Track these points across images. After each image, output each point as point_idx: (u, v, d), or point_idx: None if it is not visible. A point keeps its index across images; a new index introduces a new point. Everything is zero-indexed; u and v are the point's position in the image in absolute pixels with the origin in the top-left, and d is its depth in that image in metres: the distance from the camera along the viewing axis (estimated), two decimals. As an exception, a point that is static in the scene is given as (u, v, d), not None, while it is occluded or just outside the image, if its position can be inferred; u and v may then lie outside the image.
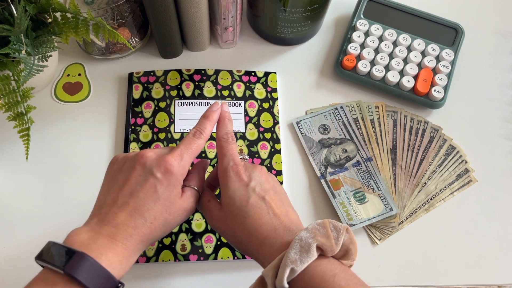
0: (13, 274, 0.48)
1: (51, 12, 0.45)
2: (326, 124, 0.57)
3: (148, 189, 0.36)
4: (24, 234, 0.49)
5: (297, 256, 0.32)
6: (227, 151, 0.40)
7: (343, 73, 0.59)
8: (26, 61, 0.43)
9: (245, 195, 0.37)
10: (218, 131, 0.42)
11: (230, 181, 0.38)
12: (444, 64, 0.59)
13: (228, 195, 0.38)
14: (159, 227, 0.36)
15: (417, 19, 0.63)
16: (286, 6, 0.54)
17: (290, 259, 0.32)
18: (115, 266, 0.33)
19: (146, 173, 0.36)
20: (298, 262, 0.32)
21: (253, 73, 0.59)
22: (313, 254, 0.32)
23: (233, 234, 0.38)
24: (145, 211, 0.35)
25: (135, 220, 0.35)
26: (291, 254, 0.32)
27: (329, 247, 0.33)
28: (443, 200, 0.54)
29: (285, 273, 0.32)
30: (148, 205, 0.36)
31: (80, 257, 0.31)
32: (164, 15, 0.52)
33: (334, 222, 0.35)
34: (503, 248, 0.52)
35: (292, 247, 0.33)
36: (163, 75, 0.58)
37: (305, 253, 0.32)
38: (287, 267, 0.32)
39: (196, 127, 0.41)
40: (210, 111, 0.42)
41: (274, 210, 0.37)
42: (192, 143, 0.39)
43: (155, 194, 0.36)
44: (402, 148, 0.56)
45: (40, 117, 0.55)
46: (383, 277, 0.50)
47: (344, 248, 0.34)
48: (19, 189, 0.52)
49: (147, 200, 0.36)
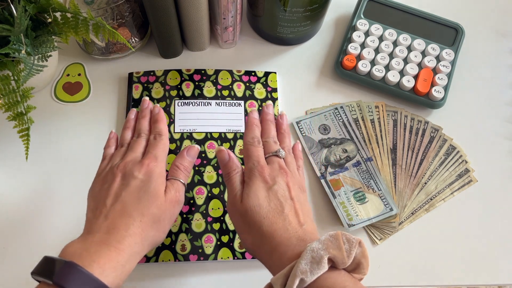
0: (13, 274, 0.47)
1: (51, 12, 0.45)
2: (326, 124, 0.57)
3: (131, 190, 0.38)
4: (24, 234, 0.49)
5: (308, 267, 0.32)
6: (253, 153, 0.41)
7: (343, 73, 0.59)
8: (26, 61, 0.43)
9: (267, 196, 0.38)
10: (246, 135, 0.44)
11: (254, 180, 0.39)
12: (444, 64, 0.59)
13: (251, 191, 0.38)
14: (149, 223, 0.37)
15: (417, 19, 0.63)
16: (286, 6, 0.54)
17: (300, 270, 0.32)
18: (109, 273, 0.32)
19: (127, 177, 0.39)
20: (308, 273, 0.32)
21: (253, 73, 0.59)
22: (324, 266, 0.32)
23: (248, 231, 0.38)
24: (132, 210, 0.37)
25: (125, 221, 0.36)
26: (302, 265, 0.32)
27: (341, 260, 0.32)
28: (443, 200, 0.54)
29: (294, 283, 0.31)
30: (134, 204, 0.37)
31: (69, 266, 0.31)
32: (164, 15, 0.52)
33: (347, 234, 0.34)
34: (503, 248, 0.52)
35: (303, 257, 0.32)
36: (163, 75, 0.58)
37: (316, 264, 0.32)
38: (297, 277, 0.32)
39: (152, 132, 0.44)
40: (146, 112, 0.47)
41: (292, 219, 0.37)
42: (158, 144, 0.42)
43: (139, 193, 0.38)
44: (402, 148, 0.56)
45: (40, 117, 0.55)
46: (383, 277, 0.50)
47: (355, 262, 0.33)
48: (19, 189, 0.52)
49: (132, 200, 0.37)
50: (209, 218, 0.50)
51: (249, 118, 0.45)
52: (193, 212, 0.50)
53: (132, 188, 0.38)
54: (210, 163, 0.53)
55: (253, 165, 0.40)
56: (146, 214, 0.37)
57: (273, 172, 0.40)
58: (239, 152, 0.54)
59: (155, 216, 0.37)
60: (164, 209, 0.38)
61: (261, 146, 0.43)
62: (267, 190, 0.38)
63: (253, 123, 0.45)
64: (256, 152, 0.42)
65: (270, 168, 0.40)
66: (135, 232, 0.36)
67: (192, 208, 0.51)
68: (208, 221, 0.50)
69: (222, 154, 0.42)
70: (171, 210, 0.39)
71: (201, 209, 0.51)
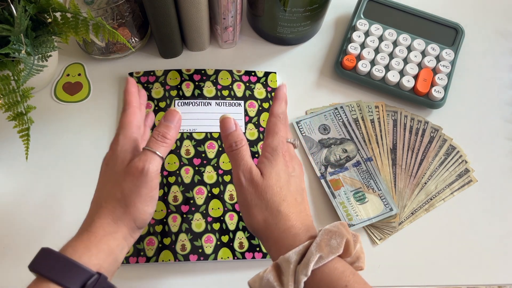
0: (13, 274, 0.47)
1: (51, 12, 0.45)
2: (326, 124, 0.57)
3: (102, 174, 0.39)
4: (24, 234, 0.49)
5: (327, 247, 0.32)
6: (280, 130, 0.40)
7: (343, 73, 0.59)
8: (26, 61, 0.43)
9: (287, 181, 0.38)
10: (275, 108, 0.41)
11: (278, 159, 0.38)
12: (444, 64, 0.59)
13: (274, 170, 0.37)
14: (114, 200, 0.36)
15: (417, 19, 0.63)
16: (286, 6, 0.54)
17: (320, 247, 0.32)
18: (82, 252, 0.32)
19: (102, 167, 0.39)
20: (326, 251, 0.32)
21: (253, 73, 0.59)
22: (341, 247, 0.33)
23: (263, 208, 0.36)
24: (106, 191, 0.37)
25: (93, 204, 0.37)
26: (320, 243, 0.33)
27: (352, 245, 0.33)
28: (443, 200, 0.54)
29: (313, 259, 0.32)
30: (106, 186, 0.37)
31: (44, 252, 0.32)
32: (164, 15, 0.52)
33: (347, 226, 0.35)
34: (503, 248, 0.52)
35: (322, 237, 0.33)
36: (163, 75, 0.58)
37: (335, 241, 0.33)
38: (317, 253, 0.32)
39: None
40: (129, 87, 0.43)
41: (306, 207, 0.38)
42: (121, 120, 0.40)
43: (106, 173, 0.38)
44: (402, 148, 0.56)
45: (40, 117, 0.55)
46: (383, 277, 0.50)
47: (356, 255, 0.34)
48: (19, 189, 0.52)
49: (102, 181, 0.38)
50: (209, 218, 0.50)
51: (280, 92, 0.42)
52: (193, 212, 0.50)
53: (102, 172, 0.39)
54: (210, 163, 0.53)
55: (278, 144, 0.38)
56: (115, 190, 0.36)
57: (292, 160, 0.39)
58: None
59: (124, 189, 0.36)
60: (134, 179, 0.35)
61: (287, 123, 0.41)
62: (288, 175, 0.38)
63: (283, 98, 0.42)
64: (283, 130, 0.40)
65: (289, 155, 0.39)
66: (104, 213, 0.36)
67: (192, 208, 0.51)
68: (208, 221, 0.50)
69: (228, 122, 0.39)
70: (142, 179, 0.35)
71: (201, 209, 0.51)
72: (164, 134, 0.38)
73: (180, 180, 0.52)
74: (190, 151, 0.54)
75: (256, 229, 0.37)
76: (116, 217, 0.36)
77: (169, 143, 0.39)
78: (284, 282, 0.32)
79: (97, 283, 0.31)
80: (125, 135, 0.38)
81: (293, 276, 0.32)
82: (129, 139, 0.38)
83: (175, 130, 0.39)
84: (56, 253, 0.32)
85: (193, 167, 0.53)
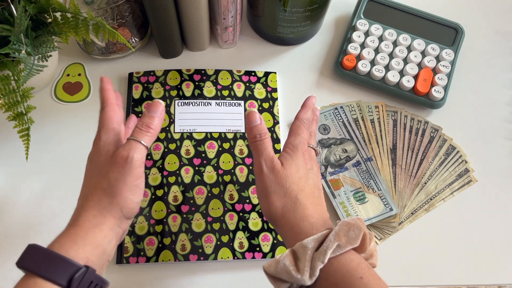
0: (13, 274, 0.47)
1: (51, 12, 0.45)
2: (326, 124, 0.57)
3: (87, 170, 0.38)
4: (24, 234, 0.49)
5: (345, 237, 0.33)
6: (302, 132, 0.42)
7: (343, 73, 0.59)
8: (26, 61, 0.43)
9: (306, 174, 0.40)
10: (301, 114, 0.44)
11: (298, 155, 0.40)
12: (444, 64, 0.59)
13: (294, 163, 0.39)
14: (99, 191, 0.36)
15: (417, 19, 0.63)
16: (286, 6, 0.54)
17: (338, 236, 0.33)
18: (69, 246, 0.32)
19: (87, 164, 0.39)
20: (344, 241, 0.33)
21: (253, 73, 0.59)
22: (359, 239, 0.33)
23: (282, 195, 0.38)
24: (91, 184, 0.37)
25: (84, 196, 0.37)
26: (339, 232, 0.33)
27: (368, 241, 0.34)
28: (443, 200, 0.54)
29: (331, 246, 0.32)
30: (91, 179, 0.37)
31: (31, 248, 0.32)
32: (164, 15, 0.52)
33: None
34: (503, 248, 0.52)
35: (341, 227, 0.34)
36: (163, 75, 0.58)
37: (354, 233, 0.33)
38: (335, 241, 0.33)
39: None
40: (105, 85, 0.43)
41: (323, 202, 0.40)
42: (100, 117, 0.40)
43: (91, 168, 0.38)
44: (402, 148, 0.56)
45: (40, 117, 0.55)
46: (383, 277, 0.50)
47: (370, 252, 0.35)
48: (19, 189, 0.52)
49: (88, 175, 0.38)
50: (209, 218, 0.50)
51: (309, 102, 0.45)
52: (193, 212, 0.50)
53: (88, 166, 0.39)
54: (210, 163, 0.53)
55: (300, 143, 0.41)
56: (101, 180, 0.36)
57: (311, 160, 0.41)
58: (239, 151, 0.54)
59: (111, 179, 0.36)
60: (119, 168, 0.36)
61: (309, 129, 0.43)
62: (307, 170, 0.40)
63: (310, 106, 0.45)
64: (305, 133, 0.42)
65: (309, 155, 0.41)
66: (90, 205, 0.35)
67: (192, 208, 0.51)
68: (208, 221, 0.50)
69: (253, 116, 0.41)
70: (118, 169, 0.36)
71: (201, 209, 0.51)
72: (148, 124, 0.39)
73: (180, 180, 0.52)
74: (190, 151, 0.54)
75: (274, 215, 0.38)
76: (102, 208, 0.36)
77: (153, 133, 0.39)
78: (300, 267, 0.32)
79: (84, 276, 0.31)
80: (107, 130, 0.39)
81: (310, 262, 0.32)
82: (111, 133, 0.39)
83: (159, 120, 0.40)
84: (43, 249, 0.32)
85: (193, 167, 0.53)
